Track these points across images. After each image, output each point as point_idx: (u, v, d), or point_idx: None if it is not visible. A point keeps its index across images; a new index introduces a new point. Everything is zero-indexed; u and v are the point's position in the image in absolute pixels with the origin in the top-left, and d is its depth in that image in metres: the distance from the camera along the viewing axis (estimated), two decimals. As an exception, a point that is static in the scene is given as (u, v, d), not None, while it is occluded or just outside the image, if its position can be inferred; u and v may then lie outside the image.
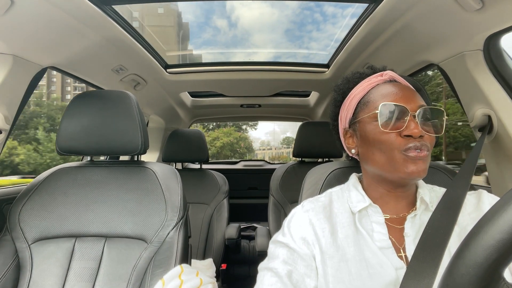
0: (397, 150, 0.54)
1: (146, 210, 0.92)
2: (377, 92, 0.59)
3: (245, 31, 7.16)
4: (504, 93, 0.86)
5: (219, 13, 4.42)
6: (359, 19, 1.16)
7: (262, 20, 5.24)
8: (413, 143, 0.53)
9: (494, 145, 0.91)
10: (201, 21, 3.85)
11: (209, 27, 5.57)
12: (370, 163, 0.59)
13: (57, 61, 1.10)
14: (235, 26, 6.10)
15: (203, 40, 3.64)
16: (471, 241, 0.29)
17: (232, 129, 20.50)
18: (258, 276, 0.57)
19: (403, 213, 0.59)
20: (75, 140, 0.96)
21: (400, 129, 0.54)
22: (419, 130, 0.52)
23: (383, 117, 0.55)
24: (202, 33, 4.51)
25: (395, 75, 0.62)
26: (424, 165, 0.53)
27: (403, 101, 0.55)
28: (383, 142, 0.55)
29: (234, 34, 7.48)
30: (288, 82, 1.83)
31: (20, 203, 0.94)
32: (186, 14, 2.86)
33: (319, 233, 0.58)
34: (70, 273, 0.87)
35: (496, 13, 0.75)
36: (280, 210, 1.64)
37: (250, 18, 6.11)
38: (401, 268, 0.52)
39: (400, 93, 0.57)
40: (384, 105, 0.55)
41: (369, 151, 0.58)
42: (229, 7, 4.61)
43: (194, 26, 4.52)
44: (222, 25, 6.75)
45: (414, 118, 0.54)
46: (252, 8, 8.52)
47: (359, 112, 0.61)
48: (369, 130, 0.58)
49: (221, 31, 6.33)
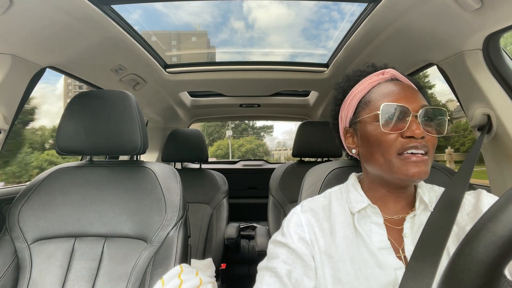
0: (398, 151, 0.53)
1: (145, 210, 0.92)
2: (379, 91, 0.59)
3: (261, 32, 7.18)
4: (504, 92, 0.86)
5: (237, 15, 4.46)
6: (358, 18, 1.16)
7: (278, 21, 5.27)
8: (414, 143, 0.52)
9: (493, 144, 0.91)
10: (218, 21, 3.88)
11: (226, 27, 5.58)
12: (370, 164, 0.59)
13: (56, 61, 1.10)
14: (252, 28, 6.09)
15: (219, 40, 3.69)
16: (473, 237, 0.29)
17: (253, 138, 24.45)
18: (258, 276, 0.57)
19: (402, 214, 0.59)
20: (75, 140, 0.96)
21: (402, 130, 0.53)
22: (421, 131, 0.52)
23: (385, 117, 0.54)
24: (219, 33, 4.59)
25: (397, 74, 0.61)
26: (425, 167, 0.53)
27: (405, 101, 0.54)
28: (384, 143, 0.54)
29: (251, 35, 7.58)
30: (288, 81, 1.83)
31: (19, 203, 0.93)
32: (204, 14, 2.84)
33: (318, 233, 0.58)
34: (70, 273, 0.87)
35: (495, 12, 0.76)
36: (279, 210, 1.64)
37: (266, 19, 6.10)
38: (400, 268, 0.52)
39: (402, 92, 0.56)
40: (386, 105, 0.54)
41: (370, 151, 0.58)
42: (246, 8, 4.60)
43: (211, 27, 4.58)
44: (239, 26, 6.73)
45: (416, 119, 0.53)
46: (268, 8, 8.52)
47: (360, 111, 0.61)
48: (370, 130, 0.57)
49: (238, 32, 6.33)
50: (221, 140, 22.49)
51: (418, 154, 0.52)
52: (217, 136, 22.93)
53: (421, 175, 0.52)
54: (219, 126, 22.40)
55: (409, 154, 0.53)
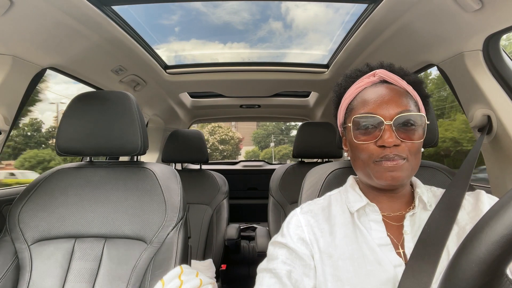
0: (374, 159, 0.55)
1: (145, 210, 0.92)
2: (361, 98, 0.60)
3: (299, 31, 7.19)
4: (504, 93, 0.86)
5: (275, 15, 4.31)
6: (358, 19, 1.16)
7: (316, 20, 5.13)
8: (387, 153, 0.53)
9: (493, 145, 0.91)
10: (257, 18, 3.78)
11: (264, 24, 5.51)
12: (356, 168, 0.62)
13: (56, 62, 1.10)
14: (290, 27, 6.05)
15: (258, 37, 3.62)
16: (475, 237, 0.29)
17: (288, 145, 28.19)
18: (258, 277, 0.57)
19: (400, 211, 0.60)
20: (75, 140, 0.96)
21: (376, 139, 0.55)
22: (393, 139, 0.53)
23: (357, 127, 0.57)
24: (258, 30, 4.45)
25: (386, 75, 0.60)
26: (400, 172, 0.53)
27: (381, 109, 0.55)
28: (361, 151, 0.57)
29: (289, 35, 7.52)
30: (288, 82, 1.83)
31: (19, 204, 0.93)
32: (242, 12, 2.69)
33: (318, 233, 0.59)
34: (70, 274, 0.87)
35: (495, 13, 0.76)
36: (280, 211, 1.64)
37: (305, 17, 5.98)
38: (400, 265, 0.52)
39: (380, 99, 0.56)
40: (357, 117, 0.57)
41: (353, 157, 0.61)
42: (284, 8, 4.53)
43: (250, 24, 4.41)
44: (277, 26, 6.72)
45: (390, 128, 0.54)
46: (307, 8, 8.59)
47: (346, 118, 0.63)
48: (349, 137, 0.60)
49: (276, 33, 6.29)
50: (267, 149, 27.83)
51: (393, 162, 0.53)
52: (264, 145, 28.72)
53: (395, 181, 0.54)
54: (264, 137, 28.91)
55: (381, 163, 0.54)
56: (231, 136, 22.72)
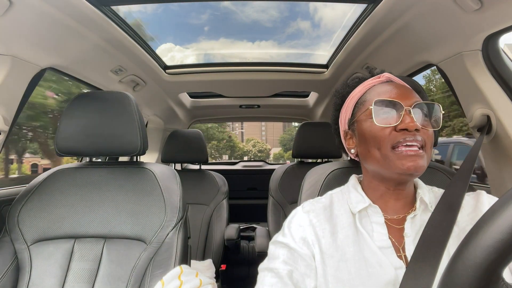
0: (392, 144, 0.54)
1: (145, 211, 0.92)
2: (373, 91, 0.61)
3: (327, 30, 7.17)
4: (503, 93, 0.86)
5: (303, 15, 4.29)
6: (358, 19, 1.16)
7: (343, 19, 5.13)
8: (408, 136, 0.53)
9: (493, 145, 0.91)
10: (286, 15, 3.72)
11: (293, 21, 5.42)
12: (368, 161, 0.60)
13: (56, 62, 1.10)
14: (318, 27, 6.02)
15: (286, 34, 3.60)
16: (470, 241, 0.29)
17: None
18: (259, 277, 0.57)
19: (402, 214, 0.59)
20: (74, 141, 0.96)
21: (396, 123, 0.54)
22: (414, 123, 0.53)
23: (378, 112, 0.56)
24: (286, 27, 4.39)
25: (392, 76, 0.63)
26: (421, 161, 0.53)
27: (398, 98, 0.56)
28: (379, 138, 0.56)
29: (318, 34, 7.59)
30: (287, 82, 1.83)
31: (19, 204, 0.93)
32: (270, 10, 2.66)
33: (319, 233, 0.58)
34: (69, 274, 0.87)
35: (494, 13, 0.76)
36: (279, 211, 1.64)
37: (333, 16, 5.95)
38: (401, 267, 0.52)
39: (395, 90, 0.58)
40: (378, 101, 0.56)
41: (367, 148, 0.59)
42: (312, 7, 4.56)
43: (278, 22, 4.29)
44: (305, 26, 6.69)
45: (409, 113, 0.54)
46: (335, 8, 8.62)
47: (356, 112, 0.63)
48: (365, 127, 0.59)
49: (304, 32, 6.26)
50: (290, 150, 33.38)
51: (413, 148, 0.53)
52: (288, 147, 31.62)
53: (417, 169, 0.52)
54: (289, 140, 32.13)
55: (404, 148, 0.53)
56: (265, 147, 35.99)
